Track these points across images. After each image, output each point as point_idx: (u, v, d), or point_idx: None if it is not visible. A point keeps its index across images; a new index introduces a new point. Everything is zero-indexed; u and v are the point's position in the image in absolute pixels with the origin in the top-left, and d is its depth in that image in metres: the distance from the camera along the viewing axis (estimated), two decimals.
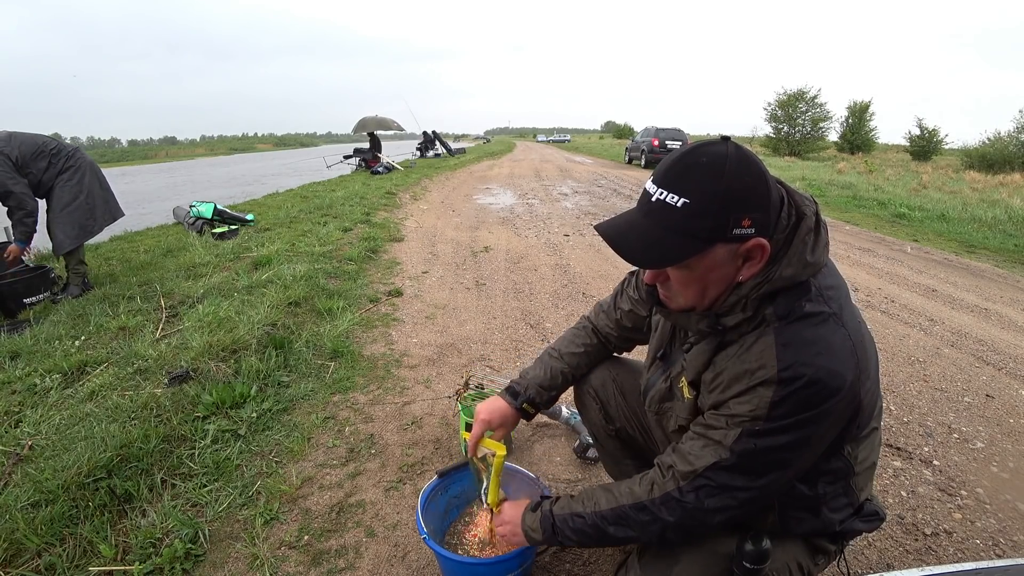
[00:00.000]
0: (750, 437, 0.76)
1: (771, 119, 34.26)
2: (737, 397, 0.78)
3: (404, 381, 2.33)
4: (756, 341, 0.78)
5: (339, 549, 1.40)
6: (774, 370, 0.74)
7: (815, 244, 0.78)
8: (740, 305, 0.79)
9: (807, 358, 0.73)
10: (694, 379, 0.88)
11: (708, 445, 0.80)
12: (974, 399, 2.31)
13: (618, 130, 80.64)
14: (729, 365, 0.81)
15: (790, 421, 0.74)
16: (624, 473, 1.31)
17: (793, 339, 0.75)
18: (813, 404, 0.73)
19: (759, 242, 0.74)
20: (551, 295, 3.59)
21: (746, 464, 0.78)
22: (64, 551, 1.33)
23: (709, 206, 0.71)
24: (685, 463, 0.82)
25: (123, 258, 4.44)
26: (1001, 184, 13.75)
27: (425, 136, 19.39)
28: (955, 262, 4.97)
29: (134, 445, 1.68)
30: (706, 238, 0.73)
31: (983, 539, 1.50)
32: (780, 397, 0.73)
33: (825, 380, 0.73)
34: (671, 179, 0.74)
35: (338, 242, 4.72)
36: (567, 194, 9.46)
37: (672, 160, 0.75)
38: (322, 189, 9.37)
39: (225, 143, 78.63)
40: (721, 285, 0.79)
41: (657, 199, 0.74)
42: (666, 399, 0.97)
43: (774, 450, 0.76)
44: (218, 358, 2.30)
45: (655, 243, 0.75)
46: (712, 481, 0.79)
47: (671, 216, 0.73)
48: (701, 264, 0.76)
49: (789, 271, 0.76)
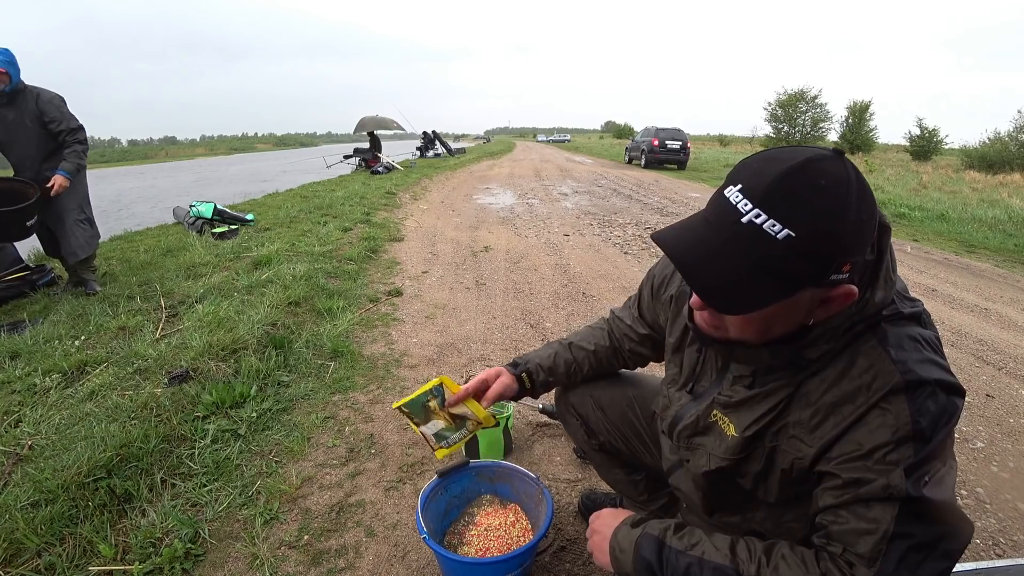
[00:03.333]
0: (917, 467, 0.60)
1: (771, 119, 34.30)
2: (859, 424, 0.63)
3: (404, 381, 2.33)
4: (855, 352, 0.66)
5: (339, 549, 1.40)
6: (896, 375, 0.62)
7: (893, 260, 0.69)
8: (826, 337, 0.67)
9: (923, 359, 0.64)
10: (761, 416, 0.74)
11: (871, 503, 0.62)
12: (974, 399, 2.31)
13: (618, 130, 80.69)
14: (829, 390, 0.67)
15: (942, 433, 0.61)
16: (616, 482, 1.29)
17: (898, 340, 0.65)
18: (949, 411, 0.62)
19: (849, 290, 0.62)
20: (551, 295, 3.59)
21: (933, 499, 0.60)
22: (64, 551, 1.33)
23: (820, 246, 0.56)
24: (858, 540, 0.62)
25: (123, 258, 4.44)
26: (1001, 184, 13.76)
27: (425, 136, 19.40)
28: (955, 262, 4.97)
29: (134, 445, 1.68)
30: (799, 282, 0.59)
31: (983, 539, 1.50)
32: (917, 406, 0.61)
33: (949, 380, 0.63)
34: (776, 200, 0.56)
35: (338, 242, 4.72)
36: (567, 194, 9.45)
37: (777, 175, 0.57)
38: (322, 189, 9.36)
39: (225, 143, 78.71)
40: (787, 326, 0.66)
41: (751, 221, 0.57)
42: (700, 434, 0.86)
43: (944, 476, 0.62)
44: (218, 358, 2.30)
45: (736, 282, 0.59)
46: (907, 542, 0.60)
47: (766, 249, 0.57)
48: (776, 308, 0.62)
49: (881, 295, 0.66)
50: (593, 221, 6.50)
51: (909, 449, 0.60)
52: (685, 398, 0.91)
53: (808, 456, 0.69)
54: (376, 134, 14.10)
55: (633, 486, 1.26)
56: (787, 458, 0.73)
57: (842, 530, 0.64)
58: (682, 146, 16.09)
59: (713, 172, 15.44)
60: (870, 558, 0.61)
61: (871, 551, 0.61)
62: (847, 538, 0.63)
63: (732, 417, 0.80)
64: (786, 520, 0.81)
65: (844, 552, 0.63)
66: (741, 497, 0.86)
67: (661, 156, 16.26)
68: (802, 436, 0.70)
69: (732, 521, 0.91)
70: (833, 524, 0.65)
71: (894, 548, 0.60)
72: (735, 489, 0.85)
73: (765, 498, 0.81)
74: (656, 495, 1.25)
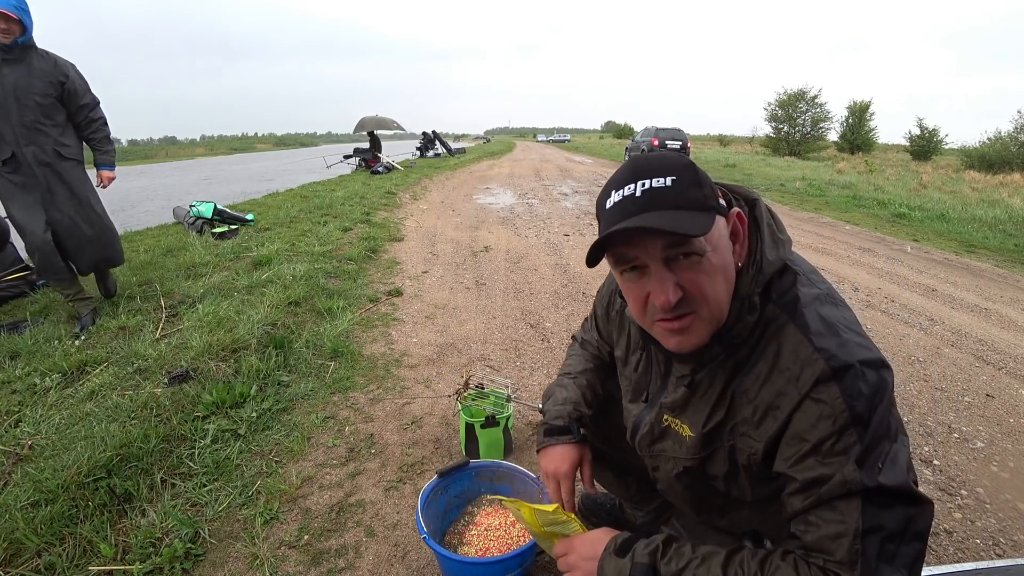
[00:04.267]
0: (867, 455, 0.62)
1: (771, 119, 34.32)
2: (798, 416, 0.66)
3: (404, 381, 2.33)
4: (779, 344, 0.70)
5: (339, 549, 1.40)
6: (822, 364, 0.64)
7: (777, 223, 0.76)
8: (746, 309, 0.71)
9: (842, 342, 0.66)
10: (709, 415, 0.78)
11: (834, 503, 0.63)
12: (974, 399, 2.31)
13: (618, 130, 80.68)
14: (763, 386, 0.70)
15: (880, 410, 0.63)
16: (608, 484, 1.29)
17: (816, 325, 0.68)
18: (880, 388, 0.64)
19: (736, 211, 0.72)
20: (551, 295, 3.59)
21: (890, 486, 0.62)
22: (64, 551, 1.33)
23: (692, 177, 0.68)
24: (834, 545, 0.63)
25: (123, 257, 4.43)
26: (1001, 184, 13.77)
27: (425, 136, 19.41)
28: (955, 262, 4.97)
29: (134, 445, 1.68)
30: (706, 207, 0.68)
31: (983, 539, 1.50)
32: (849, 391, 0.63)
33: (872, 357, 0.65)
34: (643, 171, 0.69)
35: (338, 242, 4.72)
36: (567, 194, 9.45)
37: (629, 166, 0.71)
38: (322, 189, 9.36)
39: (225, 143, 78.69)
40: (730, 273, 0.71)
41: (643, 190, 0.67)
42: (658, 440, 0.88)
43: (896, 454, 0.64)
44: (218, 358, 2.30)
45: (678, 219, 0.65)
46: (879, 535, 0.61)
47: (669, 195, 0.67)
48: (712, 243, 0.68)
49: (772, 253, 0.73)
50: (593, 221, 6.49)
51: (853, 435, 0.62)
52: (638, 407, 0.93)
53: (759, 451, 0.72)
54: (376, 134, 14.11)
55: (625, 487, 1.26)
56: (743, 455, 0.76)
57: (816, 538, 0.65)
58: (682, 146, 16.09)
59: (713, 172, 15.44)
60: (850, 562, 0.61)
61: (848, 554, 0.61)
62: (823, 546, 0.64)
63: (683, 418, 0.82)
64: (770, 515, 0.81)
65: (825, 562, 0.64)
66: (721, 500, 0.87)
67: None
68: (750, 433, 0.73)
69: (721, 524, 0.91)
70: (806, 534, 0.66)
71: (869, 544, 0.61)
72: (712, 492, 0.85)
73: (742, 497, 0.82)
74: (650, 495, 1.24)
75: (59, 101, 2.59)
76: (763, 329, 0.72)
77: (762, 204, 0.77)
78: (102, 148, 2.77)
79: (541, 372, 2.45)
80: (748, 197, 0.78)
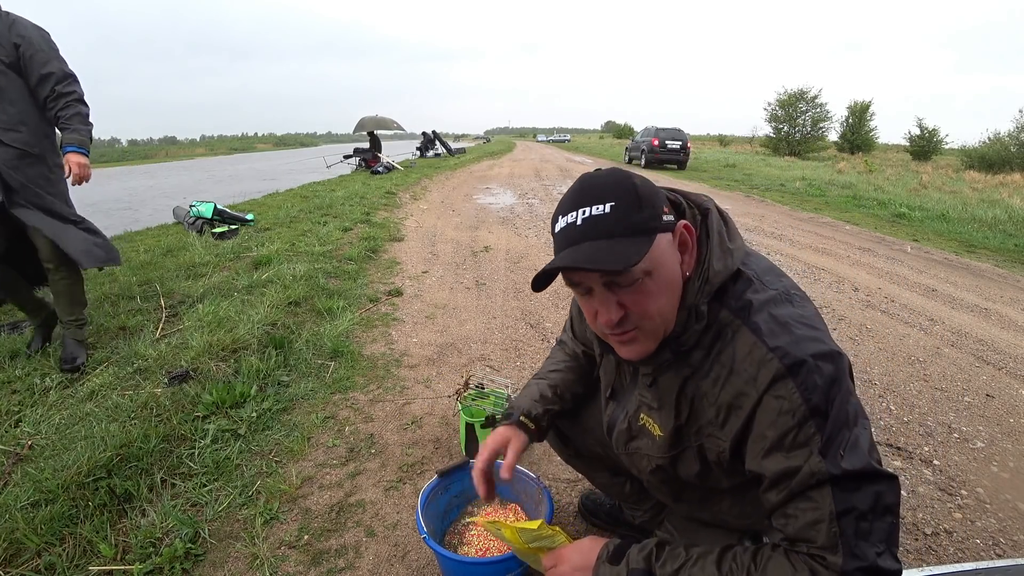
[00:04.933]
0: (829, 444, 0.65)
1: (771, 119, 34.28)
2: (759, 413, 0.70)
3: (404, 381, 2.33)
4: (734, 348, 0.73)
5: (339, 549, 1.40)
6: (776, 363, 0.68)
7: (730, 232, 0.79)
8: (693, 318, 0.75)
9: (795, 339, 0.69)
10: (674, 416, 0.81)
11: (807, 493, 0.67)
12: (974, 399, 2.31)
13: (618, 130, 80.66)
14: (723, 388, 0.74)
15: (836, 401, 0.67)
16: (603, 485, 1.29)
17: (769, 326, 0.71)
18: (835, 378, 0.67)
19: (684, 223, 0.75)
20: (551, 295, 3.59)
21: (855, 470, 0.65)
22: (64, 551, 1.33)
23: (633, 200, 0.71)
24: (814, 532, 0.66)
25: (123, 257, 4.44)
26: (1001, 184, 13.77)
27: (425, 136, 19.42)
28: (955, 262, 4.97)
29: (134, 445, 1.68)
30: (647, 229, 0.71)
31: (983, 539, 1.50)
32: (805, 386, 0.66)
33: (824, 350, 0.68)
34: (584, 198, 0.72)
35: (338, 242, 4.72)
36: None
37: (571, 192, 0.75)
38: (322, 189, 9.36)
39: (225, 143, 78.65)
40: (676, 287, 0.75)
41: (584, 219, 0.71)
42: (632, 439, 0.91)
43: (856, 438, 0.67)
44: (218, 358, 2.30)
45: (613, 249, 0.69)
46: (853, 515, 0.64)
47: (608, 223, 0.70)
48: (655, 263, 0.72)
49: (719, 263, 0.75)
50: None
51: (812, 427, 0.66)
52: (612, 406, 0.96)
53: (726, 449, 0.76)
54: (376, 134, 14.11)
55: (620, 487, 1.26)
56: (712, 453, 0.80)
57: (796, 529, 0.68)
58: (682, 146, 16.07)
59: (713, 172, 15.44)
60: (831, 545, 0.65)
61: (828, 538, 0.65)
62: (804, 534, 0.68)
63: (654, 417, 0.86)
64: (750, 502, 0.84)
65: (809, 550, 0.67)
66: (698, 492, 0.91)
67: (661, 156, 16.25)
68: (716, 433, 0.77)
69: (702, 516, 0.95)
70: (786, 527, 0.70)
71: (846, 525, 0.65)
72: (688, 485, 0.89)
73: (719, 485, 0.85)
74: (645, 494, 1.24)
75: (15, 71, 2.01)
76: (717, 334, 0.75)
77: (713, 214, 0.80)
78: (71, 125, 2.11)
79: None
80: (701, 207, 0.81)
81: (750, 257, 0.81)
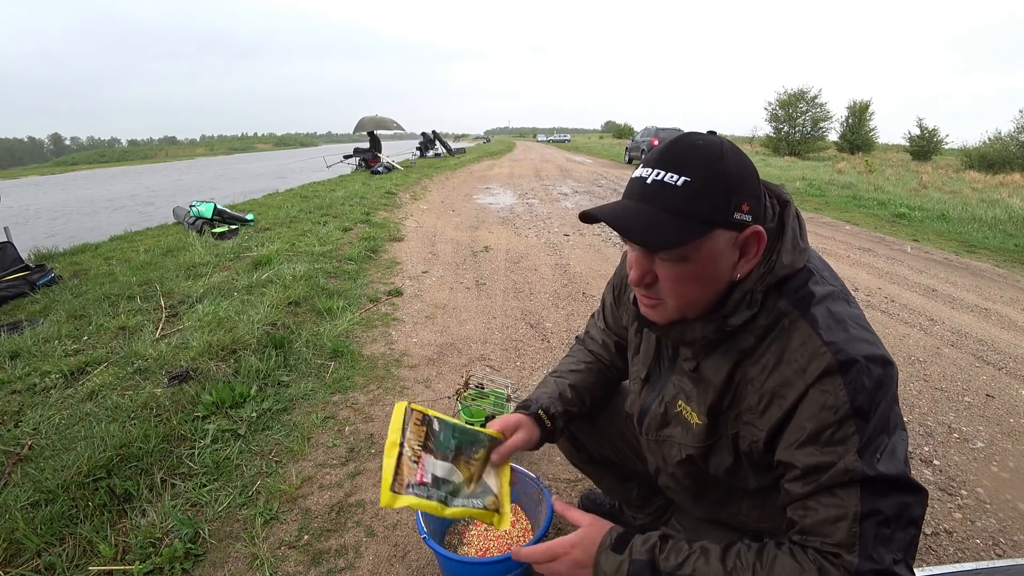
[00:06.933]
0: (866, 446, 0.64)
1: (771, 119, 34.27)
2: (802, 405, 0.68)
3: (404, 381, 2.33)
4: (789, 337, 0.71)
5: (339, 549, 1.40)
6: (829, 357, 0.66)
7: (802, 231, 0.77)
8: (745, 302, 0.73)
9: (850, 337, 0.68)
10: (715, 402, 0.79)
11: (834, 490, 0.65)
12: (974, 399, 2.31)
13: (618, 130, 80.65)
14: (770, 375, 0.72)
15: (881, 406, 0.66)
16: (610, 490, 1.28)
17: (827, 322, 0.69)
18: (883, 383, 0.66)
19: (757, 230, 0.70)
20: (551, 295, 3.59)
21: (888, 475, 0.64)
22: (64, 551, 1.33)
23: (711, 186, 0.67)
24: (832, 528, 0.64)
25: (123, 258, 4.44)
26: (1001, 184, 13.76)
27: (425, 136, 19.43)
28: (955, 262, 4.96)
29: (134, 445, 1.68)
30: (707, 220, 0.68)
31: (983, 539, 1.50)
32: (853, 385, 0.65)
33: (877, 354, 0.67)
34: (667, 160, 0.69)
35: (338, 242, 4.72)
36: (567, 194, 9.45)
37: (665, 146, 0.71)
38: (322, 189, 9.36)
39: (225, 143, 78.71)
40: (717, 283, 0.73)
41: (653, 180, 0.69)
42: (665, 425, 0.88)
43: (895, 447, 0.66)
44: (218, 358, 2.30)
45: (655, 224, 0.68)
46: (876, 519, 0.63)
47: (671, 196, 0.68)
48: (699, 254, 0.70)
49: (788, 258, 0.73)
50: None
51: (852, 427, 0.64)
52: (647, 390, 0.93)
53: (761, 439, 0.74)
54: (376, 134, 14.11)
55: (626, 493, 1.25)
56: (745, 442, 0.77)
57: (814, 522, 0.66)
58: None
59: None
60: (848, 544, 0.63)
61: (847, 537, 0.63)
62: (822, 529, 0.66)
63: (692, 405, 0.83)
64: (769, 506, 0.82)
65: (822, 544, 0.65)
66: (721, 490, 0.88)
67: None
68: (754, 421, 0.75)
69: (719, 516, 0.92)
70: (804, 518, 0.68)
71: (867, 528, 0.63)
72: (713, 480, 0.86)
73: (744, 485, 0.83)
74: (651, 499, 1.24)
75: None
76: (774, 322, 0.73)
77: (792, 208, 0.78)
78: None
79: (541, 372, 2.45)
80: (781, 198, 0.79)
81: (812, 253, 0.79)
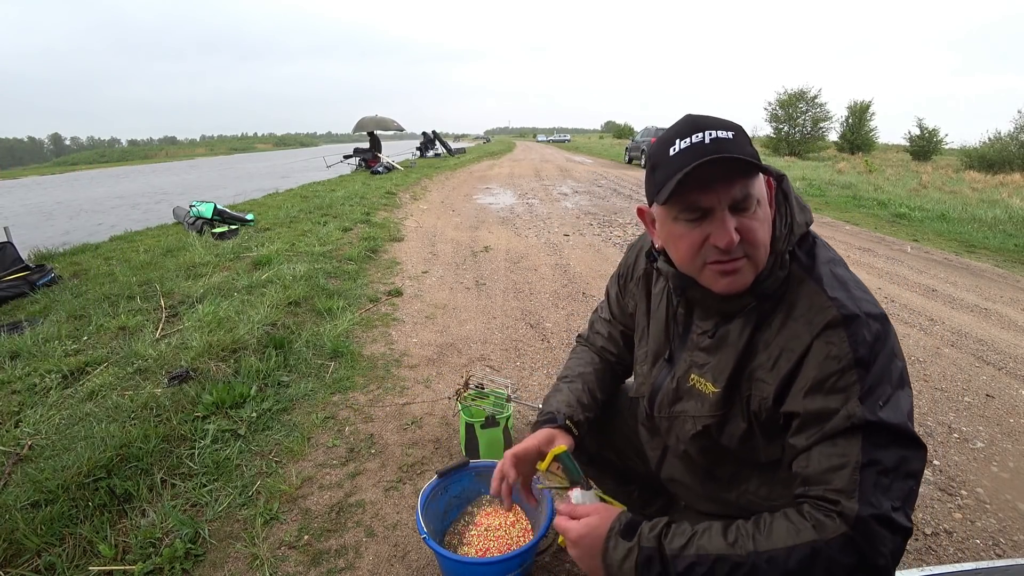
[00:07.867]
0: (869, 393, 0.68)
1: (771, 119, 34.25)
2: (808, 356, 0.72)
3: (404, 381, 2.33)
4: (797, 295, 0.77)
5: (339, 549, 1.40)
6: (833, 310, 0.72)
7: (799, 199, 0.85)
8: (778, 264, 0.79)
9: (852, 296, 0.74)
10: (735, 366, 0.81)
11: (836, 439, 0.68)
12: (974, 399, 2.31)
13: (618, 130, 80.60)
14: (778, 332, 0.77)
15: (881, 357, 0.70)
16: (608, 491, 1.27)
17: (831, 281, 0.76)
18: (881, 337, 0.71)
19: (768, 180, 0.80)
20: (551, 295, 3.59)
21: (890, 423, 0.67)
22: (64, 551, 1.33)
23: (745, 137, 0.76)
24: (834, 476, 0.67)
25: (123, 258, 4.44)
26: (1001, 184, 13.76)
27: (425, 136, 19.43)
28: (955, 262, 4.97)
29: (134, 445, 1.68)
30: (759, 162, 0.74)
31: (983, 539, 1.50)
32: (854, 337, 0.70)
33: (876, 311, 0.73)
34: (703, 125, 0.75)
35: (338, 242, 4.72)
36: (567, 194, 9.45)
37: (686, 122, 0.78)
38: (322, 189, 9.36)
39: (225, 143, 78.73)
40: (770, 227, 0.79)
41: (712, 138, 0.74)
42: (678, 400, 0.90)
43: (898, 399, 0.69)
44: (218, 358, 2.30)
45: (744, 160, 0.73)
46: (876, 468, 0.66)
47: (731, 145, 0.73)
48: (762, 193, 0.77)
49: (801, 216, 0.82)
50: (593, 221, 6.50)
51: (854, 375, 0.69)
52: (658, 368, 0.95)
53: (770, 395, 0.77)
54: (376, 134, 14.11)
55: (627, 495, 1.25)
56: (756, 401, 0.80)
57: (817, 471, 0.69)
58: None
59: None
60: (848, 491, 0.66)
61: (847, 484, 0.66)
62: (823, 477, 0.68)
63: (706, 374, 0.86)
64: (777, 484, 0.84)
65: (824, 492, 0.68)
66: (732, 466, 0.90)
67: None
68: (764, 377, 0.78)
69: (728, 497, 0.93)
70: (807, 468, 0.71)
71: (867, 476, 0.66)
72: (725, 455, 0.88)
73: (756, 457, 0.85)
74: (652, 501, 1.24)
75: None
76: (785, 285, 0.79)
77: (787, 179, 0.86)
78: None
79: (541, 372, 2.45)
80: (776, 173, 0.85)
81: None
